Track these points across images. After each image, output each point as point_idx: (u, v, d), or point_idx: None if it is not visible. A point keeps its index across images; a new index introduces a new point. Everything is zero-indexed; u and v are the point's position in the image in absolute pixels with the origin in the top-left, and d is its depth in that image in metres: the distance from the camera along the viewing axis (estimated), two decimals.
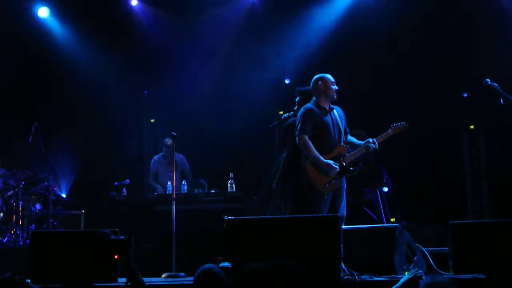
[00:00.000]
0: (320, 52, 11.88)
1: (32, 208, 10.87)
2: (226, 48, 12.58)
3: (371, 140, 7.96)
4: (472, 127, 11.61)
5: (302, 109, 7.99)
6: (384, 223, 10.12)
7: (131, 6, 12.77)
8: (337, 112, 8.08)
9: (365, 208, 10.81)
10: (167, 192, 10.56)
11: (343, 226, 7.01)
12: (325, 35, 12.07)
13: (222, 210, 9.48)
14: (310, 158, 7.81)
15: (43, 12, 12.54)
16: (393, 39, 11.71)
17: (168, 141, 10.98)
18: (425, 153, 11.64)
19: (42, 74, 12.68)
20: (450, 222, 6.77)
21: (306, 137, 7.80)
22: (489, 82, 7.76)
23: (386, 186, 10.92)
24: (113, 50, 12.30)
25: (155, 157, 11.64)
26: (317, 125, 7.88)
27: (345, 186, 8.00)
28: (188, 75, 12.48)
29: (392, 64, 11.68)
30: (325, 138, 7.91)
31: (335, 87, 8.00)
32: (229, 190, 10.34)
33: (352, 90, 10.64)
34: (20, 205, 10.54)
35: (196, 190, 10.60)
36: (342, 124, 8.07)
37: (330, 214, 7.46)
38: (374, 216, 10.64)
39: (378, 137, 8.01)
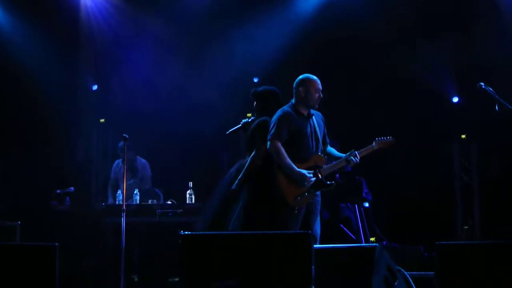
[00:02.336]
0: (293, 48, 11.89)
1: None
2: (187, 40, 12.52)
3: (353, 152, 7.94)
4: (463, 136, 11.69)
5: (278, 112, 7.96)
6: (362, 243, 10.13)
7: None
8: (316, 118, 8.07)
9: (342, 225, 10.81)
10: (117, 203, 10.47)
11: (315, 245, 6.97)
12: (300, 29, 12.07)
13: (178, 223, 9.43)
14: (281, 166, 7.78)
15: None
16: (377, 38, 11.74)
17: (122, 144, 10.92)
18: (410, 165, 11.69)
19: None
20: (437, 243, 6.74)
21: (279, 144, 7.77)
22: (483, 86, 7.78)
23: (365, 201, 10.93)
24: (57, 40, 12.20)
25: (116, 162, 11.55)
26: (292, 131, 7.85)
27: (319, 200, 7.98)
28: (144, 70, 12.42)
29: (375, 64, 11.73)
30: (300, 146, 7.89)
31: (318, 95, 7.97)
32: (187, 201, 10.29)
33: (329, 93, 10.64)
34: None
35: (150, 201, 10.52)
36: (320, 132, 8.05)
37: (301, 231, 7.42)
38: (351, 234, 10.65)
39: (361, 150, 7.99)
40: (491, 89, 7.74)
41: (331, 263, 6.85)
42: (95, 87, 13.03)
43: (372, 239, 10.59)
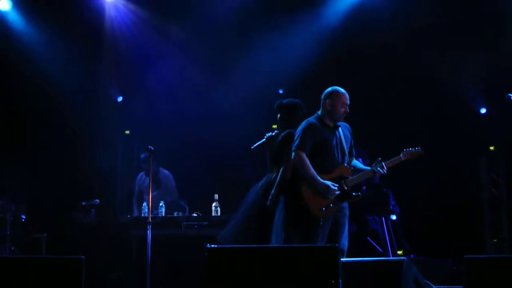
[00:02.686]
0: (319, 58, 11.91)
1: None
2: (211, 50, 12.57)
3: (379, 164, 7.98)
4: (492, 148, 11.65)
5: (303, 123, 8.05)
6: (389, 256, 10.12)
7: (104, 2, 12.74)
8: (343, 130, 8.12)
9: (369, 239, 10.81)
10: (143, 215, 10.54)
11: (343, 259, 7.00)
12: (326, 39, 12.09)
13: (204, 236, 9.48)
14: (306, 177, 7.83)
15: (4, 4, 12.52)
16: (404, 48, 11.75)
17: (145, 157, 10.98)
18: (438, 177, 11.65)
19: None
20: (465, 256, 6.75)
21: (304, 155, 7.84)
22: None
23: (393, 214, 10.91)
24: (82, 50, 12.30)
25: (139, 174, 11.63)
26: (317, 142, 7.91)
27: (347, 213, 8.02)
28: (169, 81, 12.47)
29: (400, 75, 11.73)
30: (325, 157, 7.94)
31: (344, 109, 8.03)
32: (213, 214, 10.33)
33: (354, 104, 10.71)
34: None
35: (175, 213, 10.58)
36: (347, 144, 8.10)
37: (328, 245, 7.45)
38: (378, 247, 10.64)
39: (388, 161, 8.02)
40: None
41: (359, 276, 6.87)
42: (120, 99, 13.14)
43: (400, 252, 10.57)
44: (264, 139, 8.64)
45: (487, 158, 11.58)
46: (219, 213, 10.30)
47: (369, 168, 8.04)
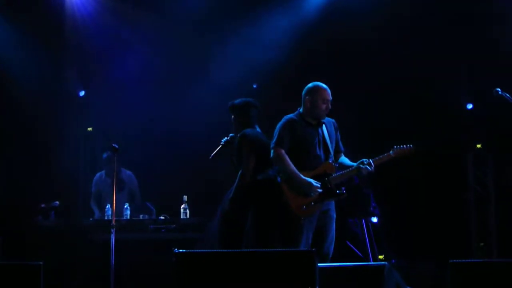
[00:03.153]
0: (294, 52, 11.90)
1: None
2: (181, 41, 12.51)
3: (365, 161, 7.97)
4: (478, 146, 11.68)
5: (283, 120, 8.10)
6: (370, 261, 10.13)
7: None
8: (327, 126, 8.12)
9: (348, 242, 10.81)
10: (106, 218, 10.47)
11: (320, 264, 6.98)
12: (301, 32, 12.08)
13: (172, 240, 9.43)
14: (286, 174, 7.81)
15: None
16: (387, 42, 11.75)
17: (108, 155, 10.89)
18: (422, 177, 11.67)
19: None
20: (450, 261, 6.76)
21: (282, 151, 7.89)
22: (500, 92, 7.80)
23: (373, 216, 10.92)
24: (42, 42, 12.21)
25: (97, 174, 11.60)
26: (296, 139, 7.94)
27: (334, 215, 8.04)
28: (135, 74, 12.40)
29: (385, 70, 11.73)
30: (307, 155, 7.99)
31: (325, 106, 8.03)
32: (181, 216, 10.31)
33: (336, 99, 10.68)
34: None
35: (141, 216, 10.55)
36: (331, 141, 8.11)
37: (304, 249, 7.44)
38: (358, 252, 10.65)
39: (376, 158, 8.02)
40: (508, 95, 7.76)
41: (337, 283, 6.86)
42: (82, 93, 13.02)
43: (381, 256, 10.59)
44: (220, 146, 8.68)
45: (473, 156, 11.61)
46: (188, 216, 10.26)
47: (355, 164, 8.01)
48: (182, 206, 10.31)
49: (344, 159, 8.24)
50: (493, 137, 11.36)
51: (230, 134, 8.68)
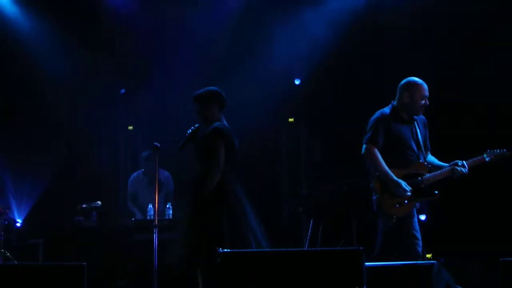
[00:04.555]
0: (336, 48, 11.91)
1: None
2: (222, 41, 12.57)
3: (460, 162, 8.01)
4: None
5: (376, 115, 8.12)
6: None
7: None
8: (419, 123, 8.16)
9: None
10: (148, 218, 10.53)
11: (367, 263, 6.98)
12: (341, 28, 12.09)
13: None
14: (377, 173, 7.91)
15: None
16: (418, 39, 11.72)
17: (149, 154, 10.94)
18: (472, 174, 11.59)
19: None
20: (501, 259, 6.73)
21: (375, 149, 7.92)
22: None
23: (422, 214, 10.87)
24: (82, 41, 12.31)
25: (134, 174, 11.64)
26: (390, 136, 7.97)
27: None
28: (175, 73, 12.46)
29: (418, 64, 11.68)
30: (400, 152, 8.02)
31: (424, 102, 8.05)
32: None
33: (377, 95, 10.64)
34: None
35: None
36: (422, 138, 8.11)
37: (352, 248, 7.45)
38: None
39: (470, 160, 8.05)
40: None
41: (385, 282, 6.85)
42: (123, 91, 13.10)
43: (429, 255, 10.54)
44: (188, 134, 8.37)
45: None
46: None
47: (447, 165, 8.04)
48: None
49: (432, 158, 8.25)
50: None
51: (197, 125, 8.37)
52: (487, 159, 8.11)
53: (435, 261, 7.14)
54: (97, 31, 12.56)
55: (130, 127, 13.15)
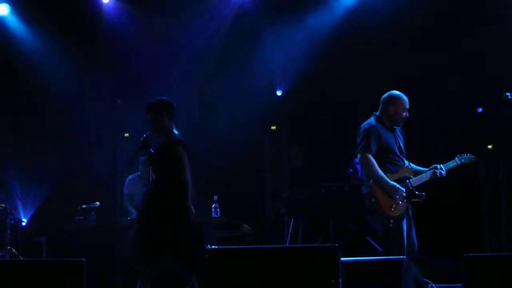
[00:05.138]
0: (316, 60, 11.93)
1: None
2: (210, 54, 12.58)
3: (438, 166, 8.14)
4: (490, 146, 11.64)
5: (365, 125, 8.13)
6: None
7: (101, 4, 12.72)
8: (397, 131, 8.29)
9: (368, 238, 10.81)
10: None
11: (342, 258, 7.00)
12: (322, 41, 12.10)
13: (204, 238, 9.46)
14: (373, 178, 7.95)
15: (2, 9, 12.53)
16: (397, 43, 11.73)
17: (145, 159, 10.92)
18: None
19: None
20: (464, 255, 6.76)
21: (370, 156, 7.95)
22: (510, 96, 7.81)
23: None
24: (81, 53, 12.30)
25: (130, 176, 11.62)
26: (381, 144, 8.05)
27: (411, 212, 8.20)
28: (167, 83, 12.45)
29: (397, 71, 11.71)
30: (389, 159, 8.09)
31: (406, 114, 8.15)
32: (213, 215, 10.31)
33: (353, 104, 10.68)
34: None
35: None
36: (402, 144, 8.25)
37: (328, 245, 7.47)
38: (378, 247, 10.64)
39: (446, 164, 8.18)
40: None
41: (358, 276, 6.88)
42: (118, 101, 13.09)
43: None
44: (141, 142, 8.12)
45: (485, 156, 11.57)
46: (219, 214, 10.29)
47: (427, 170, 8.17)
48: (213, 205, 10.34)
49: (409, 163, 8.35)
50: (503, 138, 11.31)
51: (148, 132, 8.12)
52: (459, 163, 8.20)
53: (404, 257, 7.18)
54: (95, 44, 12.56)
55: (126, 134, 13.13)
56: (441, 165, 8.15)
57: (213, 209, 10.31)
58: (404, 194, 7.93)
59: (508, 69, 10.83)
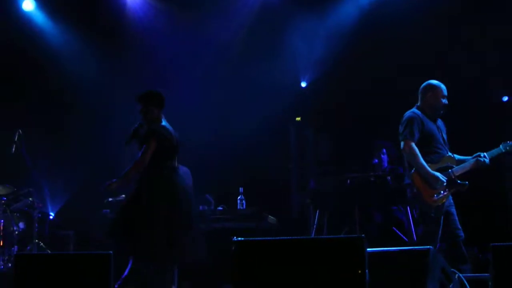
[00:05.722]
0: (341, 52, 11.90)
1: (15, 227, 10.86)
2: (234, 47, 12.57)
3: (482, 154, 8.12)
4: None
5: (409, 113, 8.20)
6: (415, 246, 10.08)
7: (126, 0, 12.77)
8: (439, 121, 8.34)
9: (394, 228, 10.77)
10: None
11: (369, 249, 6.98)
12: (347, 33, 12.07)
13: (230, 229, 9.47)
14: (415, 167, 7.99)
15: (28, 5, 12.58)
16: (424, 36, 11.68)
17: None
18: None
19: (27, 75, 12.70)
20: (492, 244, 6.71)
21: (413, 144, 7.98)
22: None
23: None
24: (107, 48, 12.34)
25: None
26: (425, 133, 8.09)
27: (452, 201, 8.25)
28: (192, 77, 12.48)
29: (422, 62, 11.67)
30: (432, 148, 8.15)
31: (445, 101, 8.16)
32: (238, 207, 10.34)
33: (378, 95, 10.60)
34: (1, 224, 10.54)
35: (201, 207, 10.57)
36: (445, 134, 8.28)
37: (354, 236, 7.46)
38: (404, 237, 10.60)
39: (490, 152, 8.12)
40: None
41: (384, 266, 6.85)
42: None
43: None
44: (132, 131, 8.41)
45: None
46: (244, 206, 10.30)
47: (470, 158, 8.18)
48: (239, 197, 10.35)
49: (452, 153, 8.34)
50: None
51: (139, 122, 8.41)
52: (503, 150, 8.15)
53: (431, 247, 7.14)
54: (121, 39, 12.60)
55: None
56: (484, 153, 8.13)
57: (238, 201, 10.33)
58: (445, 184, 7.90)
59: None
